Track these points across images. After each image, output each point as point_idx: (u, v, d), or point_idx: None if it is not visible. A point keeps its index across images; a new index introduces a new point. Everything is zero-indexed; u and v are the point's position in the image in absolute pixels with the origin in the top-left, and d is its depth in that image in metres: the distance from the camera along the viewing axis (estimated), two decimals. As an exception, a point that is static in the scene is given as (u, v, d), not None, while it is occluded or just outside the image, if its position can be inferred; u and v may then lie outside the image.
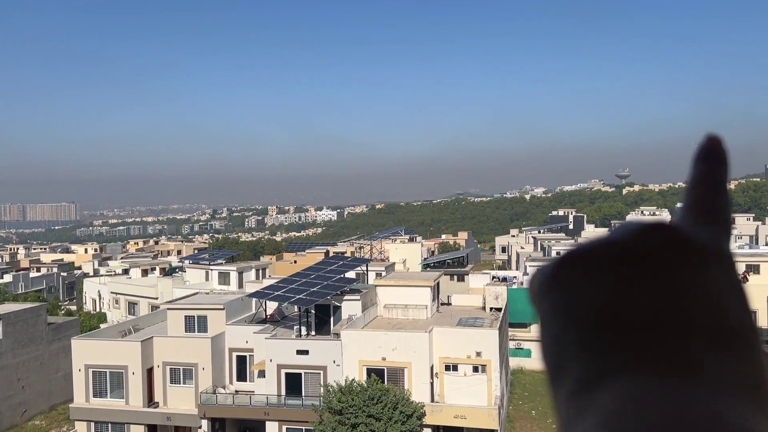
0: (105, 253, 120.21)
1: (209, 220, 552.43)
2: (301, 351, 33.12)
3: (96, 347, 36.62)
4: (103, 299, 68.34)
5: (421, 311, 37.77)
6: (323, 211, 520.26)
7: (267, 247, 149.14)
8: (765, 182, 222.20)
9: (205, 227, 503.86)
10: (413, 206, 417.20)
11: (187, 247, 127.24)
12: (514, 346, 51.56)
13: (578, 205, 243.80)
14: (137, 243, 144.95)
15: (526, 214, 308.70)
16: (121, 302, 61.84)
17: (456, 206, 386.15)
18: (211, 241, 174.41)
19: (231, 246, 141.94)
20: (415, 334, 32.19)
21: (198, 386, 35.74)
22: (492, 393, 32.03)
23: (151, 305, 57.27)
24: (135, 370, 35.66)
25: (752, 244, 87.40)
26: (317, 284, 37.65)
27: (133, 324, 42.60)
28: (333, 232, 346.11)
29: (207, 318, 37.91)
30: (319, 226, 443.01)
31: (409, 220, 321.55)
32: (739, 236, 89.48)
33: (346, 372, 31.97)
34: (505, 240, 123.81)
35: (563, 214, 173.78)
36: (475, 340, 32.58)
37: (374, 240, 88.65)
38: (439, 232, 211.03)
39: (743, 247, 76.52)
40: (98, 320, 61.35)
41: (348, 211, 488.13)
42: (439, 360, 32.51)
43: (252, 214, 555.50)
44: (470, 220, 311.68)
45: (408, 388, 31.49)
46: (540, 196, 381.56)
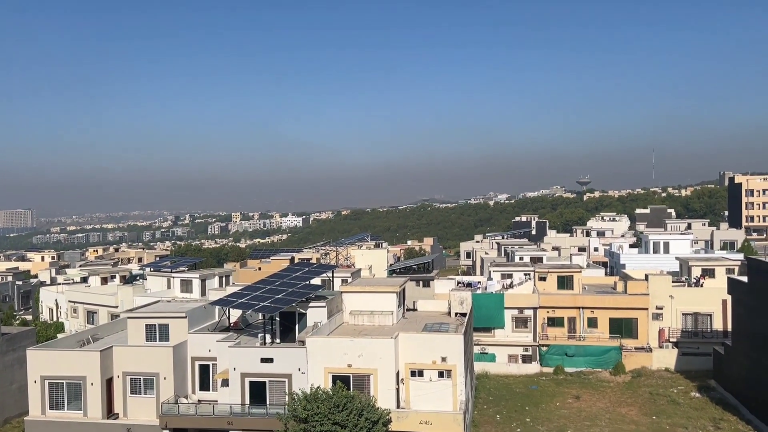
0: (63, 260, 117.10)
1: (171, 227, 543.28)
2: (266, 359, 32.76)
3: (53, 358, 35.61)
4: (61, 308, 66.62)
5: (387, 317, 37.78)
6: (288, 217, 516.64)
7: (231, 254, 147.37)
8: (719, 189, 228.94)
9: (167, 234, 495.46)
10: (379, 212, 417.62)
11: (148, 255, 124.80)
12: (479, 350, 51.97)
13: (541, 211, 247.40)
14: (96, 250, 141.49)
15: (490, 220, 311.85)
16: (80, 311, 60.31)
17: (421, 212, 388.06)
18: (173, 248, 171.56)
19: (194, 253, 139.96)
20: (381, 341, 32.17)
21: (159, 396, 35.05)
22: (457, 398, 32.18)
23: (110, 314, 56.07)
24: (94, 380, 34.77)
25: (707, 248, 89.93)
26: (282, 291, 37.34)
27: (92, 333, 41.57)
28: (298, 239, 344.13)
29: (169, 326, 37.24)
30: (284, 233, 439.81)
31: (375, 226, 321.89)
32: (696, 241, 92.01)
33: (311, 379, 31.74)
34: (469, 245, 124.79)
35: (526, 220, 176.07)
36: (441, 345, 32.73)
37: (340, 246, 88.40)
38: (405, 238, 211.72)
39: (699, 252, 78.72)
40: (55, 330, 59.88)
41: (314, 218, 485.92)
42: (405, 366, 32.55)
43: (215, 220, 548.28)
44: (435, 226, 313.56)
45: (374, 394, 31.42)
46: (503, 202, 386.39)
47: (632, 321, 51.86)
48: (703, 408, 41.02)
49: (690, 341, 50.87)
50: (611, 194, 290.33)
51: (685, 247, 76.12)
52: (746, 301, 39.65)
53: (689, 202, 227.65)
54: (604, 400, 43.41)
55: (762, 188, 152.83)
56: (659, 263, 67.46)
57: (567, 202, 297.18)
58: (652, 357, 50.33)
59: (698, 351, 50.22)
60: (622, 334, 51.84)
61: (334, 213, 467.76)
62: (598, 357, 50.86)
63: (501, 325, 52.69)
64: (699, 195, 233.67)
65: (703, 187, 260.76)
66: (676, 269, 61.46)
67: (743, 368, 40.15)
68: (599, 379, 48.63)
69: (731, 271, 53.65)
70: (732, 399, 41.77)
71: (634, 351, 50.83)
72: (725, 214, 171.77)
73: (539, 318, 52.59)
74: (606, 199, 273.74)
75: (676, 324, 51.45)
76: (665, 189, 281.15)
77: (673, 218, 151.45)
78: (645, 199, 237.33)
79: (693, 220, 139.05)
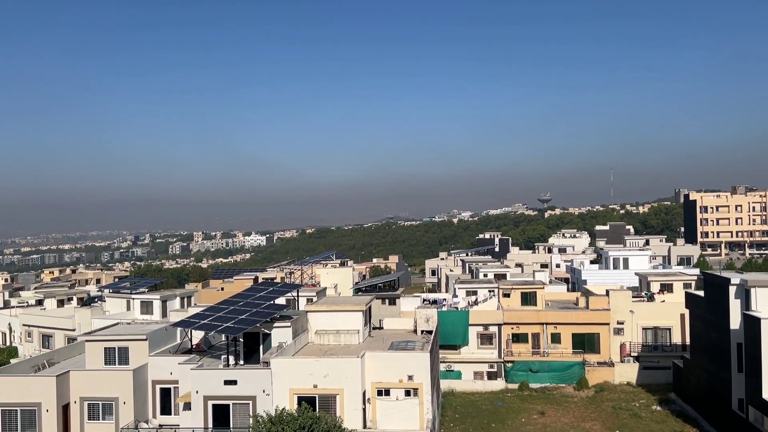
0: (17, 282, 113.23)
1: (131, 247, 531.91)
2: (229, 381, 32.12)
3: (5, 384, 34.24)
4: (14, 332, 64.33)
5: (353, 336, 37.53)
6: (252, 236, 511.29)
7: (192, 275, 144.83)
8: (675, 205, 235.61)
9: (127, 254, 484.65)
10: (344, 230, 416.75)
11: (106, 276, 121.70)
12: (445, 368, 52.01)
13: (503, 228, 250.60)
14: (52, 272, 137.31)
15: (454, 237, 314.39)
16: (34, 335, 58.28)
17: (386, 230, 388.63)
18: (132, 269, 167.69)
19: (154, 274, 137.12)
20: (347, 360, 31.90)
21: (119, 422, 34.02)
22: (424, 416, 32.05)
23: (67, 337, 54.34)
24: (49, 407, 33.55)
25: (665, 264, 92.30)
26: (246, 311, 36.78)
27: (48, 358, 40.19)
28: (262, 258, 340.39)
29: (128, 349, 36.25)
30: (247, 252, 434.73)
31: (340, 244, 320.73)
32: (654, 257, 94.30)
33: (276, 401, 31.22)
34: (434, 263, 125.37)
35: (490, 237, 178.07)
36: (407, 363, 32.62)
37: (305, 265, 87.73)
38: (370, 256, 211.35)
39: (657, 267, 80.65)
40: (8, 355, 57.91)
41: (278, 236, 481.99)
42: (372, 385, 32.30)
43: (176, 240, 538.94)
44: (401, 244, 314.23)
45: (340, 414, 31.06)
46: (467, 219, 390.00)
47: (594, 336, 52.67)
48: (665, 421, 41.75)
49: (650, 355, 51.88)
50: (571, 211, 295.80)
51: (643, 262, 77.90)
52: (703, 315, 40.70)
53: (647, 218, 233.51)
54: (568, 415, 43.81)
55: (715, 205, 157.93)
56: (619, 279, 68.83)
57: (529, 219, 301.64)
58: (615, 371, 51.12)
59: (658, 365, 51.22)
60: (584, 349, 52.57)
61: (299, 231, 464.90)
62: (562, 372, 51.42)
63: (466, 342, 52.88)
64: (656, 212, 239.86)
65: (659, 204, 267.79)
66: (636, 284, 62.81)
67: (702, 381, 41.08)
68: (563, 394, 49.12)
69: (688, 286, 55.07)
70: (692, 411, 42.63)
71: (596, 366, 51.55)
72: (681, 230, 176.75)
73: (504, 334, 52.97)
74: (566, 216, 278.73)
75: (637, 338, 52.44)
76: (623, 206, 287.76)
77: (632, 234, 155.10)
78: (604, 216, 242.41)
79: (651, 236, 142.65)
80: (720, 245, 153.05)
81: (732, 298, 35.79)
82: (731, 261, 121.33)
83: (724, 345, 36.72)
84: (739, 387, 35.34)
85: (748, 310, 34.22)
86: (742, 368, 34.93)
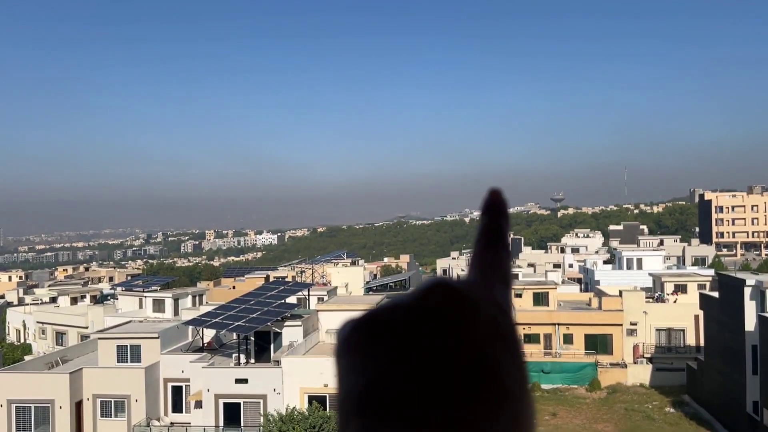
0: (31, 280, 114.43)
1: (143, 245, 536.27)
2: (240, 380, 32.24)
3: (20, 380, 34.61)
4: (29, 329, 64.98)
5: (363, 336, 37.50)
6: (263, 234, 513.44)
7: (204, 273, 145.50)
8: (690, 205, 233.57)
9: (139, 252, 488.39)
10: (355, 229, 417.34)
11: (119, 274, 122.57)
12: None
13: (516, 228, 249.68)
14: (66, 269, 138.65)
15: (466, 237, 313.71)
16: (48, 332, 58.86)
17: (398, 229, 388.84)
18: (145, 267, 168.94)
19: (166, 272, 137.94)
20: (358, 360, 31.89)
21: (131, 419, 34.26)
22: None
23: (80, 335, 54.80)
24: (62, 403, 33.84)
25: (680, 264, 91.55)
26: (257, 310, 36.89)
27: (61, 355, 40.57)
28: (273, 257, 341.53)
29: (140, 347, 36.50)
30: (259, 250, 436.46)
31: (351, 243, 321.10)
32: (668, 257, 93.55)
33: (287, 400, 31.29)
34: (446, 262, 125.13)
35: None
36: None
37: (316, 264, 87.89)
38: (382, 255, 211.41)
39: (671, 267, 80.00)
40: (23, 352, 58.41)
41: (289, 235, 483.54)
42: (382, 385, 32.27)
43: (188, 238, 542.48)
44: (412, 243, 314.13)
45: (350, 414, 31.07)
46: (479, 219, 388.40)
47: (607, 337, 52.28)
48: (678, 423, 41.36)
49: (664, 357, 51.42)
50: (585, 211, 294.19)
51: (657, 263, 77.25)
52: (717, 317, 40.27)
53: (661, 218, 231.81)
54: (580, 416, 43.53)
55: (731, 205, 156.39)
56: (633, 279, 68.29)
57: (541, 218, 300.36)
58: (627, 373, 50.72)
59: (672, 366, 50.76)
60: (597, 350, 52.20)
61: (310, 230, 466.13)
62: (574, 373, 51.10)
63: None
64: (670, 211, 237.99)
65: (674, 203, 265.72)
66: (650, 285, 62.31)
67: (716, 383, 40.65)
68: (575, 395, 48.81)
69: (703, 287, 54.49)
70: (706, 414, 42.20)
71: (609, 367, 51.18)
72: (696, 230, 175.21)
73: (515, 335, 52.69)
74: (580, 215, 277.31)
75: (650, 339, 52.00)
76: (637, 205, 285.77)
77: (646, 234, 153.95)
78: (618, 216, 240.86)
79: (665, 237, 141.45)
80: (735, 246, 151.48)
81: (747, 299, 35.38)
82: (747, 262, 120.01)
83: (738, 347, 36.31)
84: (753, 389, 34.93)
85: (764, 312, 33.82)
86: (756, 370, 34.54)
